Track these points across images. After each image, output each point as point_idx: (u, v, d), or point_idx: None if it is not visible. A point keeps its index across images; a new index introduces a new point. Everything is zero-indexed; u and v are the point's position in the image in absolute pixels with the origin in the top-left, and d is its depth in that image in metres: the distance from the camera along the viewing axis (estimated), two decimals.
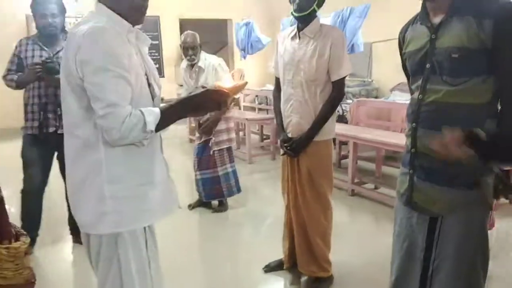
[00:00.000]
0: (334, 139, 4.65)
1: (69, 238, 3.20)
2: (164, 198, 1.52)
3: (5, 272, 1.45)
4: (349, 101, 6.51)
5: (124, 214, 1.40)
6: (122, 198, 1.39)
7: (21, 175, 2.91)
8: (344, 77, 2.37)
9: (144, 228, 1.46)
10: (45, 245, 3.14)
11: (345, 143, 4.93)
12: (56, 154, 2.92)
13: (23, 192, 2.90)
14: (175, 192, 1.61)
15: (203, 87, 1.53)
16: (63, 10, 2.82)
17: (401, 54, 1.63)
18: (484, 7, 1.31)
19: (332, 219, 2.52)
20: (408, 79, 1.62)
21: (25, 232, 1.50)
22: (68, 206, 3.06)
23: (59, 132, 2.78)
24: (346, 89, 7.06)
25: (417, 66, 1.50)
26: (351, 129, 4.59)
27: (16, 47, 2.84)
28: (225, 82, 1.55)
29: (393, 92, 6.95)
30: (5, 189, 1.70)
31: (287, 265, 2.66)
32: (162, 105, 1.42)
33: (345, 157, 5.00)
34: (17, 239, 1.42)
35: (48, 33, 2.78)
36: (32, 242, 3.00)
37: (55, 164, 2.97)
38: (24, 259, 1.43)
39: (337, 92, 2.36)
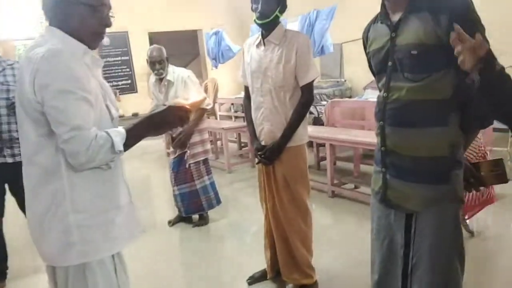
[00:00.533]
0: (311, 142, 4.66)
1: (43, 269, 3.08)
2: (129, 222, 1.47)
3: None
4: (324, 102, 6.54)
5: (91, 244, 1.34)
6: (88, 226, 1.33)
7: None
8: (312, 81, 2.36)
9: (112, 255, 1.41)
10: (20, 276, 3.03)
11: (323, 145, 4.93)
12: (9, 186, 2.82)
13: None
14: (137, 216, 1.57)
15: (163, 104, 1.51)
16: None
17: (366, 54, 1.64)
18: (439, 2, 1.33)
19: (311, 224, 2.50)
20: (375, 78, 1.63)
21: None
22: None
23: (9, 161, 2.69)
24: (319, 91, 7.18)
25: (380, 65, 1.51)
26: (327, 131, 4.61)
27: None
28: (190, 98, 1.55)
29: (366, 90, 7.02)
30: None
31: (271, 275, 2.62)
32: (120, 127, 1.38)
33: (324, 159, 5.00)
34: None
35: None
36: (2, 275, 2.92)
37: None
38: None
39: (306, 96, 2.36)
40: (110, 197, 1.39)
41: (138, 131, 1.38)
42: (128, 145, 1.33)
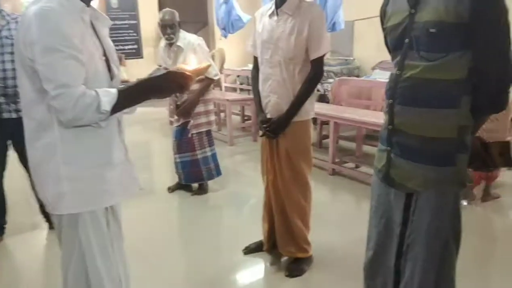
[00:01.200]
0: (315, 119, 4.63)
1: (44, 225, 3.13)
2: (123, 179, 1.50)
3: None
4: (330, 80, 6.47)
5: (82, 195, 1.39)
6: (79, 178, 1.38)
7: None
8: (323, 56, 2.31)
9: (106, 208, 1.46)
10: (18, 233, 3.07)
11: (326, 123, 4.90)
12: (12, 141, 2.83)
13: None
14: (134, 174, 1.58)
15: (165, 68, 1.47)
16: None
17: (383, 29, 1.60)
18: None
19: (311, 200, 2.50)
20: (390, 54, 1.59)
21: None
22: (35, 194, 2.99)
23: (13, 116, 2.68)
24: (327, 68, 7.09)
25: (396, 42, 1.47)
26: (332, 109, 4.57)
27: None
28: (189, 63, 1.48)
29: (374, 71, 6.94)
30: None
31: (267, 246, 2.64)
32: (121, 86, 1.37)
33: (326, 137, 4.99)
34: None
35: None
36: (1, 230, 2.95)
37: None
38: None
39: (315, 71, 2.32)
40: (102, 152, 1.42)
41: (132, 93, 1.37)
42: (119, 106, 1.31)
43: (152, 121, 6.90)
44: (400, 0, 1.46)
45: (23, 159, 2.85)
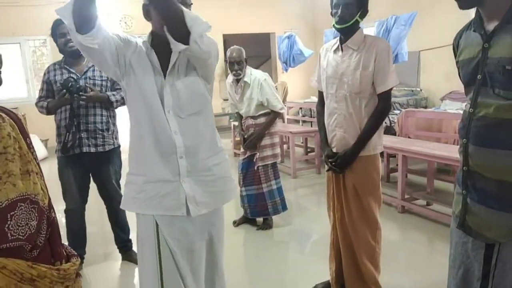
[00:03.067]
0: (381, 152, 4.47)
1: (118, 256, 3.24)
2: (163, 197, 1.59)
3: None
4: (396, 111, 6.29)
5: (125, 196, 1.67)
6: (127, 181, 1.66)
7: None
8: (391, 89, 2.26)
9: (156, 223, 1.60)
10: (94, 263, 3.19)
11: (393, 156, 4.72)
12: (91, 174, 2.98)
13: (66, 211, 2.97)
14: (182, 198, 1.60)
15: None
16: None
17: (456, 62, 1.52)
18: None
19: (381, 239, 2.38)
20: (464, 89, 1.51)
21: (76, 253, 1.52)
22: (112, 225, 3.12)
23: (92, 151, 2.83)
24: (392, 99, 6.87)
25: (469, 77, 1.38)
26: (399, 141, 4.39)
27: (44, 74, 2.90)
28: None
29: (444, 101, 6.65)
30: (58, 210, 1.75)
31: (335, 287, 2.53)
32: None
33: (394, 170, 4.79)
34: (68, 260, 1.42)
35: (69, 50, 2.80)
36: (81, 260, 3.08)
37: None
38: (75, 282, 1.43)
39: (383, 104, 2.26)
40: (142, 165, 1.61)
41: None
42: None
43: None
44: (472, 33, 1.38)
45: (102, 192, 3.03)
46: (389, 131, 5.69)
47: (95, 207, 3.17)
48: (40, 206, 1.21)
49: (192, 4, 1.60)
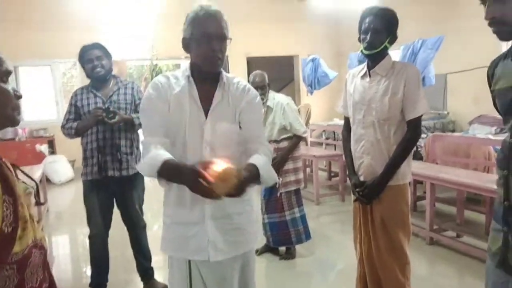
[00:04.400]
0: None
1: (139, 284, 3.18)
2: (188, 239, 1.59)
3: None
4: (423, 135, 6.14)
5: (162, 239, 1.70)
6: (163, 223, 1.71)
7: None
8: (420, 116, 2.19)
9: (189, 264, 1.60)
10: None
11: (420, 182, 4.57)
12: (115, 199, 2.98)
13: (90, 237, 2.96)
14: (205, 241, 1.59)
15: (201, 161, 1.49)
16: (108, 54, 2.91)
17: (491, 91, 1.46)
18: None
19: (410, 275, 2.26)
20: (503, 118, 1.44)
21: None
22: (134, 252, 3.08)
23: (116, 175, 2.84)
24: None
25: (508, 106, 1.33)
26: (427, 168, 4.25)
27: (72, 97, 2.95)
28: (218, 164, 1.35)
29: (472, 126, 6.45)
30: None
31: None
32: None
33: (421, 198, 4.63)
34: None
35: (96, 76, 2.86)
36: (103, 287, 3.03)
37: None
38: None
39: (412, 132, 2.20)
40: (171, 207, 1.64)
41: (168, 170, 1.48)
42: (162, 174, 1.48)
43: None
44: (510, 62, 1.33)
45: (125, 217, 3.02)
46: (416, 155, 5.54)
47: (117, 232, 3.14)
48: (45, 251, 1.18)
49: (231, 39, 1.65)
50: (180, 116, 1.56)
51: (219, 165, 1.33)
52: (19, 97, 1.03)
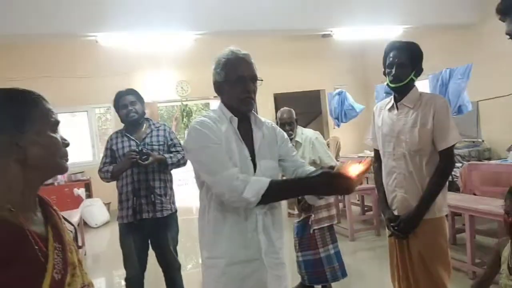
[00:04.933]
0: None
1: None
2: (245, 278, 1.58)
3: None
4: (458, 164, 5.96)
5: (206, 282, 1.66)
6: (207, 266, 1.67)
7: None
8: (453, 146, 2.16)
9: None
10: None
11: (458, 215, 4.40)
12: (150, 241, 3.00)
13: (126, 280, 2.98)
14: (265, 277, 1.60)
15: (331, 167, 1.59)
16: (141, 99, 3.02)
17: None
18: None
19: None
20: None
21: None
22: None
23: (151, 217, 2.87)
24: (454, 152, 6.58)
25: None
26: (464, 199, 4.11)
27: (107, 141, 3.06)
28: (350, 166, 1.45)
29: (510, 152, 6.24)
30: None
31: None
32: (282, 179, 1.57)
33: (461, 231, 4.44)
34: None
35: (130, 120, 2.96)
36: None
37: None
38: None
39: (445, 162, 2.16)
40: (225, 247, 1.59)
41: (290, 187, 1.54)
42: (270, 196, 1.49)
43: None
44: None
45: (160, 259, 3.03)
46: (452, 186, 5.37)
47: (152, 273, 3.15)
48: None
49: (262, 80, 1.78)
50: (229, 154, 1.60)
51: (354, 166, 1.45)
52: (67, 145, 1.08)
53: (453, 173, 5.56)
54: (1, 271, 0.88)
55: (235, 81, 1.65)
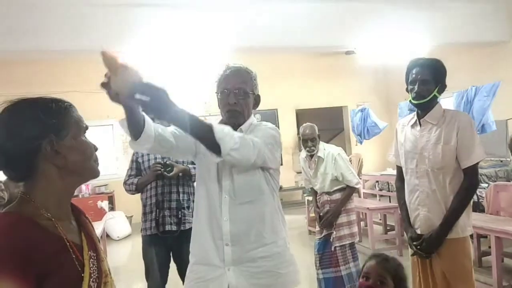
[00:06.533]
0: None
1: None
2: (207, 282, 1.63)
3: None
4: (484, 185, 5.80)
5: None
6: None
7: None
8: (477, 164, 2.12)
9: None
10: None
11: (484, 236, 4.27)
12: (172, 253, 3.01)
13: None
14: (224, 287, 1.60)
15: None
16: None
17: None
18: None
19: None
20: None
21: None
22: None
23: (174, 229, 2.90)
24: (479, 171, 6.41)
25: None
26: (490, 220, 3.99)
27: (133, 154, 3.10)
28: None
29: None
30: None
31: None
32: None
33: (487, 253, 4.30)
34: None
35: None
36: None
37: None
38: None
39: (469, 180, 2.12)
40: (196, 247, 1.71)
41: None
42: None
43: (290, 230, 6.81)
44: None
45: (182, 272, 3.03)
46: (477, 207, 5.21)
47: (173, 286, 3.16)
48: None
49: (255, 94, 1.79)
50: (205, 161, 1.67)
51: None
52: (97, 149, 1.12)
53: (478, 193, 5.41)
54: (43, 282, 0.89)
55: (220, 95, 1.73)
